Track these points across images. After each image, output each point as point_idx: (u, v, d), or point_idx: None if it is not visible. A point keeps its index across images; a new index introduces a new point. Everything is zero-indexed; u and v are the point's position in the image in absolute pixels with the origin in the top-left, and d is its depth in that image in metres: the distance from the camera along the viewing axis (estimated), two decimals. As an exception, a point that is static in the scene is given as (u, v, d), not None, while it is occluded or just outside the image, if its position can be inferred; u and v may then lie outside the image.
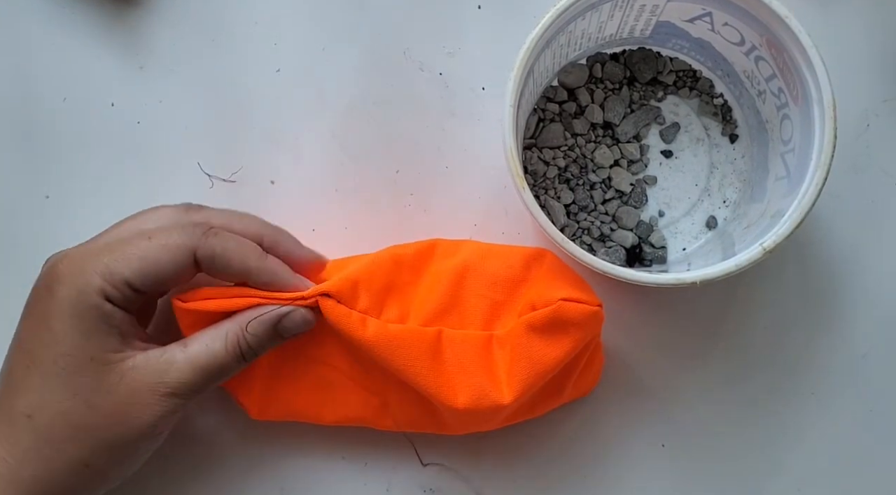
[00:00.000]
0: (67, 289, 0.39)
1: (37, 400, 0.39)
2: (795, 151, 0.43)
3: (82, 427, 0.39)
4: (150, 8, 0.50)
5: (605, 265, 0.41)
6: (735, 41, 0.45)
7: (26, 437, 0.38)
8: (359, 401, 0.45)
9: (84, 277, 0.39)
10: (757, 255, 0.40)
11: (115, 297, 0.39)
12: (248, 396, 0.45)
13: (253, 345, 0.41)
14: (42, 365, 0.39)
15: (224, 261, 0.41)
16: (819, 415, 0.48)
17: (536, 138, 0.48)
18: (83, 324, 0.39)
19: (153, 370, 0.40)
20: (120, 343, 0.40)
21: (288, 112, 0.50)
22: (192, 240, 0.40)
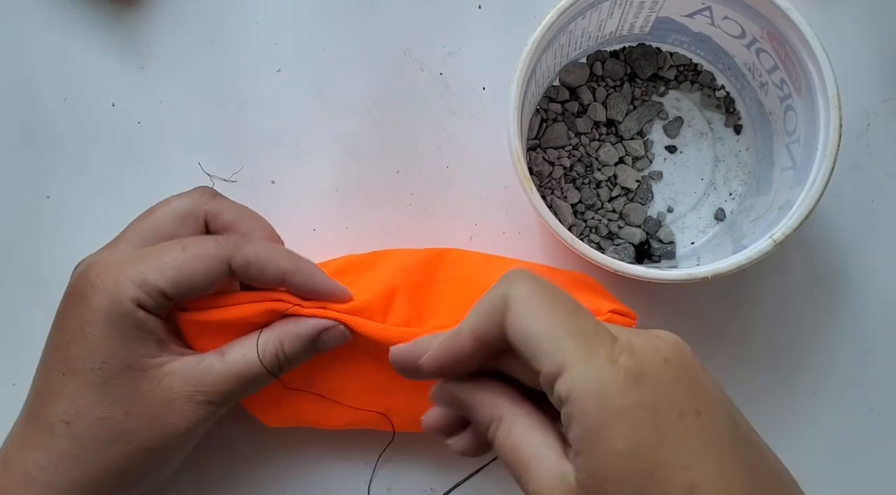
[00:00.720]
0: (101, 297, 0.39)
1: (74, 406, 0.39)
2: (801, 142, 0.43)
3: (119, 433, 0.39)
4: (150, 8, 0.50)
5: (616, 263, 0.41)
6: (735, 34, 0.45)
7: (63, 444, 0.39)
8: (365, 406, 0.45)
9: (118, 286, 0.39)
10: (767, 248, 0.40)
11: (149, 305, 0.39)
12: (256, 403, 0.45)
13: (290, 358, 0.41)
14: (79, 372, 0.39)
15: (259, 268, 0.41)
16: (820, 414, 0.48)
17: (540, 139, 0.48)
18: (119, 331, 0.39)
19: (190, 377, 0.40)
20: (156, 348, 0.40)
21: (288, 112, 0.50)
22: (225, 251, 0.40)
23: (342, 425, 0.46)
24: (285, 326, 0.41)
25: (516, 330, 0.30)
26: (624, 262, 0.41)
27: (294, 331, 0.41)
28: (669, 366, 0.29)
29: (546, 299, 0.31)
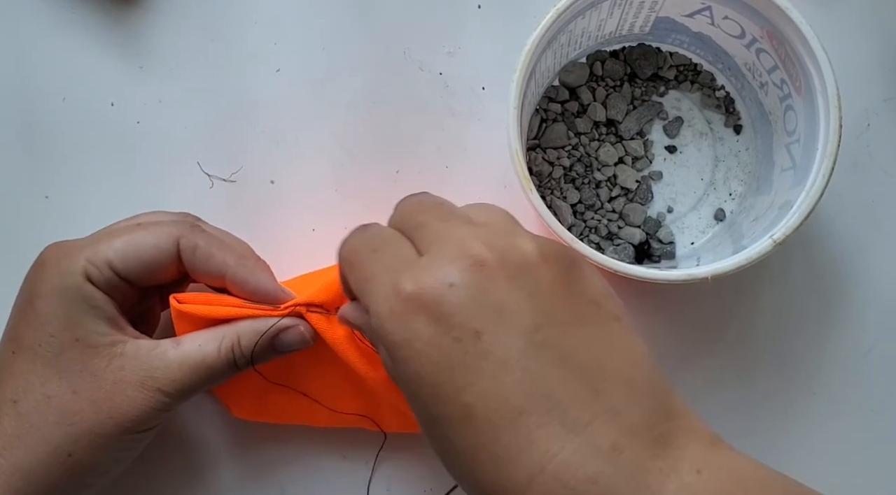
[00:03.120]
0: (51, 271, 0.39)
1: (22, 384, 0.38)
2: (801, 142, 0.43)
3: (66, 412, 0.38)
4: (150, 8, 0.50)
5: (616, 263, 0.41)
6: (735, 34, 0.45)
7: (10, 423, 0.38)
8: (351, 405, 0.45)
9: (68, 260, 0.39)
10: (768, 248, 0.40)
11: (99, 280, 0.39)
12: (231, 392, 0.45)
13: (246, 354, 0.40)
14: (28, 348, 0.38)
15: (205, 255, 0.40)
16: (820, 414, 0.48)
17: (540, 139, 0.48)
18: (68, 304, 0.38)
19: (142, 361, 0.39)
20: (107, 326, 0.39)
21: (288, 112, 0.50)
22: (178, 229, 0.40)
23: (327, 424, 0.46)
24: (246, 322, 0.41)
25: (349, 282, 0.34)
26: (624, 263, 0.41)
27: (252, 327, 0.40)
28: (452, 290, 0.30)
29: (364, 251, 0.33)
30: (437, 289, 0.30)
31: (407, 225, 0.34)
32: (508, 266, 0.30)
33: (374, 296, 0.31)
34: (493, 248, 0.30)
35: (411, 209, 0.35)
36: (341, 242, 0.35)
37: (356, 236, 0.35)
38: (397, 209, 0.36)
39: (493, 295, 0.30)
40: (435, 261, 0.31)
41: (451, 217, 0.33)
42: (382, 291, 0.31)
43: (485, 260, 0.30)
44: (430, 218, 0.33)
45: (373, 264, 0.32)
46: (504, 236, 0.31)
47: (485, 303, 0.30)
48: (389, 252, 0.33)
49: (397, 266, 0.31)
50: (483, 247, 0.30)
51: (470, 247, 0.30)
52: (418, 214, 0.34)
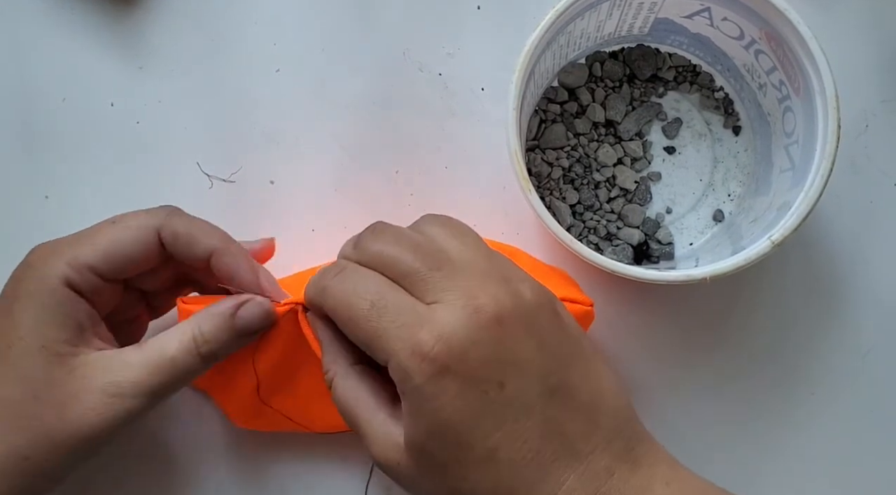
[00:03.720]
0: (32, 274, 0.38)
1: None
2: (799, 143, 0.43)
3: (25, 416, 0.37)
4: (150, 8, 0.50)
5: (614, 264, 0.41)
6: (734, 35, 0.45)
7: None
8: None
9: (49, 264, 0.38)
10: (766, 249, 0.40)
11: (79, 284, 0.38)
12: (233, 404, 0.45)
13: (210, 341, 0.39)
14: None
15: (187, 241, 0.39)
16: (819, 415, 0.48)
17: (539, 140, 0.49)
18: (41, 309, 0.38)
19: (105, 368, 0.38)
20: (75, 336, 0.38)
21: (288, 112, 0.50)
22: (156, 220, 0.40)
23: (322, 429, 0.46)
24: (205, 308, 0.40)
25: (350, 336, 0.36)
26: (622, 263, 0.41)
27: (210, 311, 0.39)
28: (476, 346, 0.33)
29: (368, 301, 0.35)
30: (462, 347, 0.33)
31: (392, 271, 0.35)
32: (518, 317, 0.34)
33: (396, 354, 0.33)
34: (500, 301, 0.34)
35: (387, 250, 0.36)
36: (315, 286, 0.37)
37: (337, 285, 0.36)
38: (364, 248, 0.37)
39: (511, 348, 0.33)
40: (452, 316, 0.33)
41: (438, 262, 0.35)
42: (403, 349, 0.33)
43: (499, 314, 0.33)
44: (420, 266, 0.35)
45: (378, 321, 0.34)
46: (503, 282, 0.34)
47: (505, 357, 0.33)
48: (391, 305, 0.34)
49: (408, 320, 0.33)
50: (491, 300, 0.33)
51: (482, 302, 0.33)
52: (400, 259, 0.35)
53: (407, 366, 0.33)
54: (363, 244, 0.37)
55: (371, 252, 0.36)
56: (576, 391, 0.34)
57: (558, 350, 0.34)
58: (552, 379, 0.34)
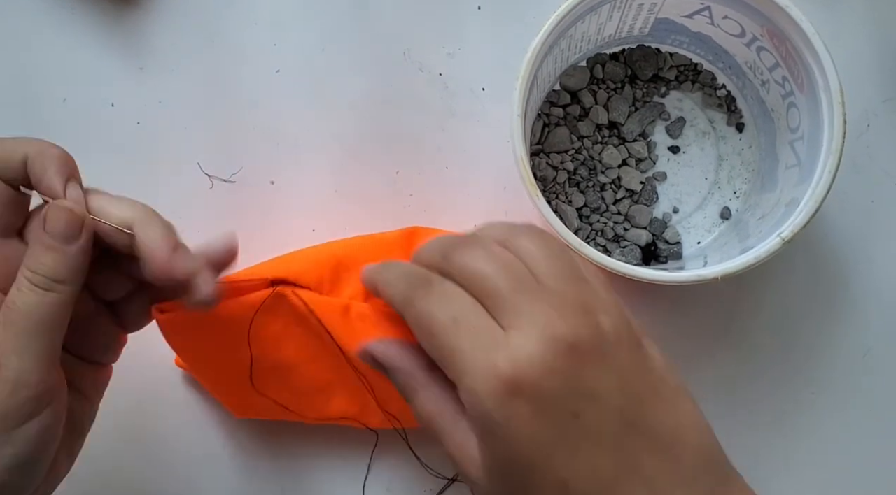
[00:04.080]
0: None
1: None
2: (805, 139, 0.43)
3: None
4: (150, 8, 0.50)
5: (624, 266, 0.41)
6: (735, 33, 0.45)
7: None
8: (341, 400, 0.45)
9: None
10: (776, 246, 0.40)
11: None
12: (229, 396, 0.45)
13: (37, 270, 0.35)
14: None
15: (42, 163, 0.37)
16: (819, 414, 0.48)
17: (543, 144, 0.48)
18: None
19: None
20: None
21: (287, 112, 0.50)
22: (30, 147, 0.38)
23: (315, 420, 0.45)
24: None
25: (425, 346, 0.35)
26: (631, 265, 0.41)
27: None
28: (550, 375, 0.32)
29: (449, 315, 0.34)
30: (538, 374, 0.32)
31: (476, 288, 0.34)
32: (595, 348, 0.33)
33: (468, 374, 0.32)
34: (578, 331, 0.32)
35: (476, 267, 0.35)
36: (400, 294, 0.36)
37: (422, 299, 0.35)
38: (452, 259, 0.35)
39: (587, 380, 0.32)
40: (529, 343, 0.32)
41: (522, 285, 0.34)
42: (478, 370, 0.32)
43: (576, 345, 0.32)
44: (504, 287, 0.34)
45: (457, 338, 0.33)
46: (584, 313, 0.33)
47: (580, 388, 0.32)
48: (471, 324, 0.33)
49: (486, 343, 0.33)
50: (570, 329, 0.32)
51: (560, 331, 0.32)
52: (486, 278, 0.34)
53: (480, 389, 0.32)
54: (452, 255, 0.35)
55: (459, 265, 0.35)
56: (655, 426, 0.33)
57: (638, 385, 0.33)
58: (629, 414, 0.33)
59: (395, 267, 0.38)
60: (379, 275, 0.38)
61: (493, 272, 0.34)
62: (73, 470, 0.45)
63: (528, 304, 0.33)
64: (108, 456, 0.47)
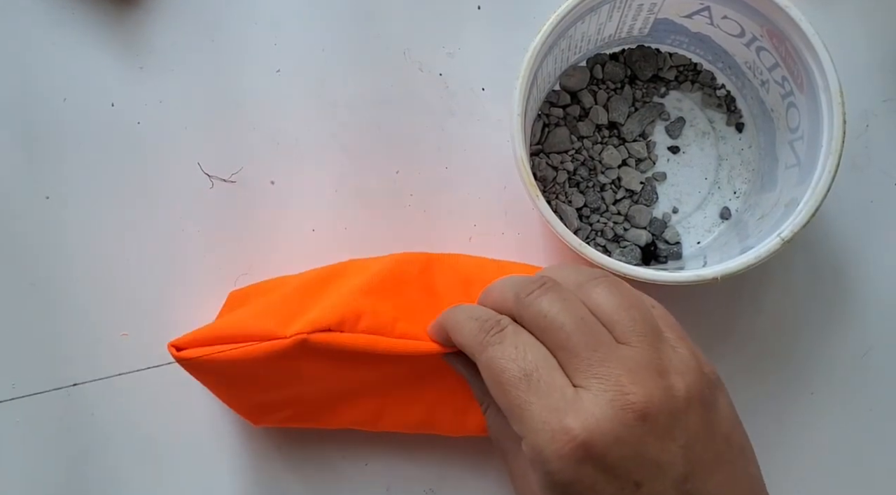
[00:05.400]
0: None
1: None
2: (804, 139, 0.43)
3: None
4: (150, 8, 0.50)
5: (624, 266, 0.41)
6: (735, 33, 0.45)
7: None
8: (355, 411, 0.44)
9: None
10: (776, 246, 0.40)
11: None
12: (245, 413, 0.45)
13: None
14: None
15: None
16: (818, 415, 0.48)
17: (543, 144, 0.48)
18: None
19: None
20: None
21: (288, 112, 0.50)
22: None
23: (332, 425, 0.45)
24: None
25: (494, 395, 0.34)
26: (631, 265, 0.41)
27: None
28: (618, 444, 0.31)
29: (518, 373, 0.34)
30: (606, 442, 0.31)
31: (549, 339, 0.34)
32: (666, 415, 0.32)
33: (535, 432, 0.32)
34: (651, 396, 0.32)
35: (550, 316, 0.34)
36: (472, 338, 0.35)
37: (495, 347, 0.34)
38: (527, 304, 0.35)
39: (653, 449, 0.32)
40: (600, 409, 0.32)
41: (598, 342, 0.33)
42: (546, 430, 0.32)
43: (647, 412, 0.32)
44: (578, 343, 0.33)
45: (528, 394, 0.33)
46: (658, 375, 0.33)
47: (645, 457, 0.32)
48: (544, 381, 0.33)
49: (556, 403, 0.32)
50: (642, 395, 0.32)
51: (632, 398, 0.32)
52: (561, 330, 0.34)
53: (545, 449, 0.32)
54: (527, 301, 0.35)
55: (535, 311, 0.35)
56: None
57: (702, 453, 0.33)
58: (690, 484, 0.32)
59: (465, 309, 0.38)
60: (448, 317, 0.38)
61: (568, 324, 0.34)
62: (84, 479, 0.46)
63: (602, 365, 0.33)
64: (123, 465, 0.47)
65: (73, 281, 0.49)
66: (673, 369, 0.33)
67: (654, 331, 0.34)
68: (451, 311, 0.38)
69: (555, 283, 0.35)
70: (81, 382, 0.47)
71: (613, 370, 0.32)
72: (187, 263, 0.49)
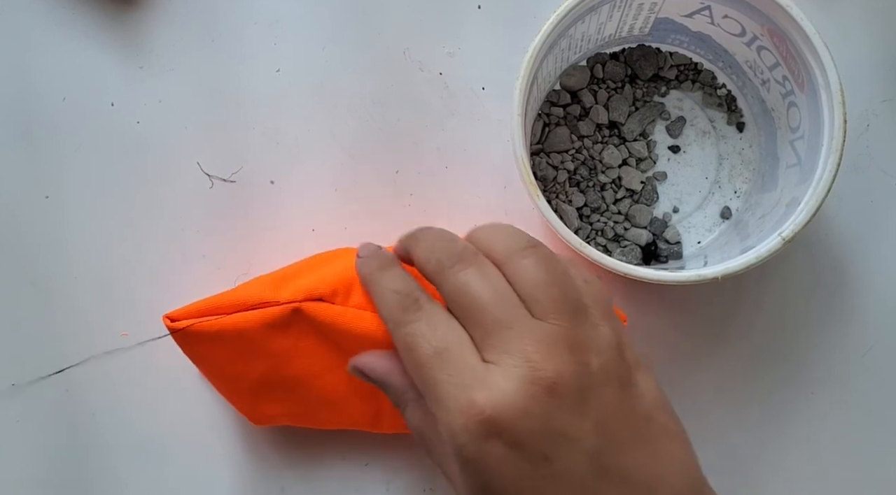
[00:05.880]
0: None
1: None
2: (805, 138, 0.43)
3: None
4: (150, 8, 0.50)
5: (625, 266, 0.41)
6: (735, 32, 0.45)
7: None
8: (354, 411, 0.44)
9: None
10: (777, 246, 0.40)
11: None
12: (244, 407, 0.45)
13: None
14: None
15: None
16: (819, 415, 0.48)
17: (543, 144, 0.48)
18: None
19: None
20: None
21: (288, 112, 0.50)
22: None
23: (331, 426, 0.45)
24: None
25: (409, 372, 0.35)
26: (631, 264, 0.41)
27: None
28: (526, 417, 0.31)
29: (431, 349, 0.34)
30: (513, 416, 0.31)
31: (464, 312, 0.34)
32: (577, 390, 0.32)
33: (445, 408, 0.33)
34: (561, 372, 0.32)
35: (468, 289, 0.34)
36: (391, 318, 0.36)
37: (410, 325, 0.35)
38: (446, 278, 0.35)
39: (562, 423, 0.32)
40: (508, 384, 0.32)
41: (512, 318, 0.33)
42: (455, 406, 0.32)
43: (556, 386, 0.32)
44: (492, 320, 0.33)
45: (440, 371, 0.33)
46: (571, 352, 0.33)
47: (555, 431, 0.32)
48: (454, 357, 0.33)
49: (466, 379, 0.32)
50: (553, 370, 0.32)
51: (541, 373, 0.32)
52: (475, 304, 0.34)
53: (455, 425, 0.32)
54: (448, 273, 0.35)
55: (451, 286, 0.35)
56: (631, 473, 0.33)
57: (617, 430, 0.33)
58: (604, 460, 0.32)
59: (387, 276, 0.38)
60: (371, 284, 0.39)
61: (486, 301, 0.34)
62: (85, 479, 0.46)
63: (514, 342, 0.33)
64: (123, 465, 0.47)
65: (73, 281, 0.49)
66: (590, 347, 0.33)
67: (574, 309, 0.34)
68: (373, 276, 0.38)
69: (477, 256, 0.36)
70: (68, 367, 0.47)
71: (525, 346, 0.33)
72: (187, 263, 0.49)
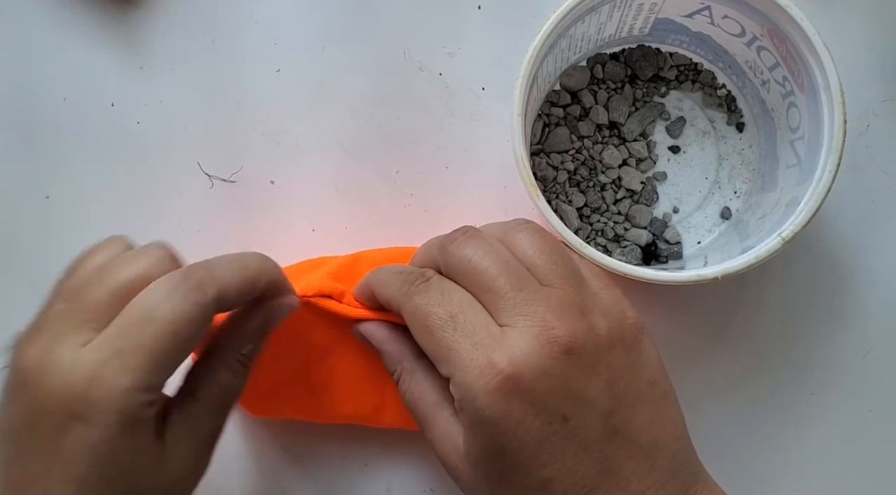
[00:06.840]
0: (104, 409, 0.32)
1: None
2: (805, 139, 0.43)
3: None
4: (150, 8, 0.50)
5: (625, 266, 0.41)
6: (735, 33, 0.45)
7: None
8: (355, 401, 0.45)
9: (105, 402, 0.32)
10: (776, 246, 0.40)
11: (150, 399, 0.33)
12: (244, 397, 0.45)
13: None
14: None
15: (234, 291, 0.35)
16: (819, 415, 0.48)
17: (543, 144, 0.48)
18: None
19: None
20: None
21: (288, 112, 0.50)
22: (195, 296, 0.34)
23: (330, 420, 0.45)
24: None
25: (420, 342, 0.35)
26: (631, 265, 0.41)
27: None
28: (545, 376, 0.32)
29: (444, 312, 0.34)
30: (533, 375, 0.32)
31: (475, 283, 0.35)
32: (590, 352, 0.33)
33: (463, 370, 0.33)
34: (575, 333, 0.33)
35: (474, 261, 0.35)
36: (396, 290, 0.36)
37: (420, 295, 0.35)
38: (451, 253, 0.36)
39: (578, 383, 0.33)
40: (526, 343, 0.33)
41: (521, 283, 0.34)
42: (473, 366, 0.33)
43: (571, 347, 0.33)
44: (503, 284, 0.34)
45: (454, 334, 0.34)
46: (580, 315, 0.34)
47: (572, 391, 0.33)
48: (469, 321, 0.34)
49: (483, 340, 0.33)
50: (567, 331, 0.33)
51: (557, 333, 0.33)
52: (485, 273, 0.35)
53: (472, 384, 0.32)
54: (451, 249, 0.36)
55: (458, 257, 0.36)
56: (637, 432, 0.34)
57: (626, 390, 0.34)
58: (615, 419, 0.34)
59: (389, 268, 0.39)
60: (373, 277, 0.39)
61: (492, 267, 0.34)
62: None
63: (526, 304, 0.33)
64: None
65: (73, 281, 0.49)
66: (596, 310, 0.35)
67: (575, 275, 0.35)
68: (376, 271, 0.39)
69: (477, 231, 0.36)
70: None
71: (538, 308, 0.33)
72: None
